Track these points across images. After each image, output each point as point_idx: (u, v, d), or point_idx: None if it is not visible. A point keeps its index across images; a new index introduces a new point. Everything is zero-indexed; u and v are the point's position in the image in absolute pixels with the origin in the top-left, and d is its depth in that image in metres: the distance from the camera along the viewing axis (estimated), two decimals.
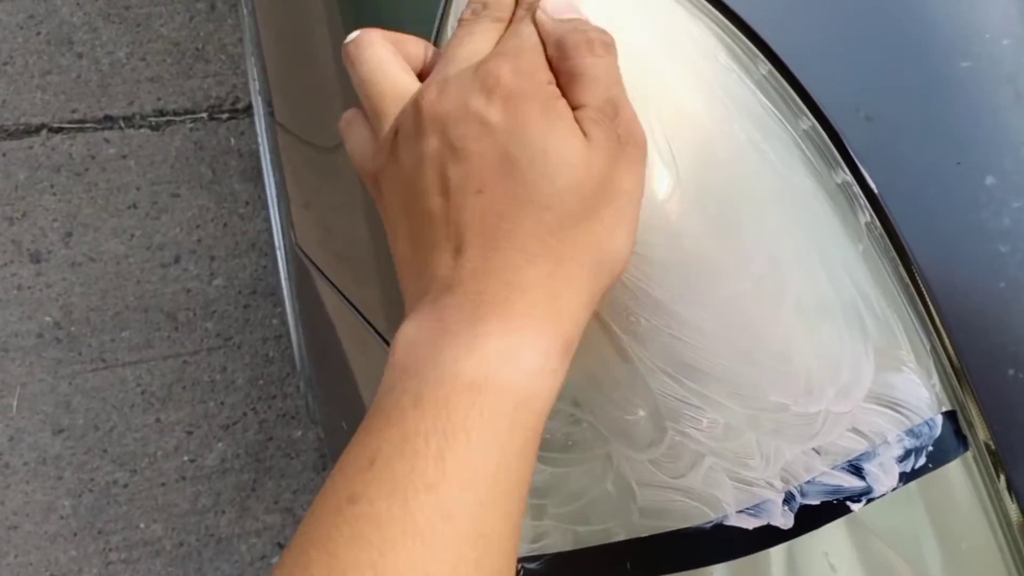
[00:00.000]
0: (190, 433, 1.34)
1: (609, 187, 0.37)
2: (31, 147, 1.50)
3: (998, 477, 0.38)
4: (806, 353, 0.38)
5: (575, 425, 0.41)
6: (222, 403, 1.36)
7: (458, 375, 0.34)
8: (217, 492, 1.31)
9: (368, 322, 0.58)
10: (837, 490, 0.38)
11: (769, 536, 0.38)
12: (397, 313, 0.56)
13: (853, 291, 0.38)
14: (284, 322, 1.48)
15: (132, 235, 1.46)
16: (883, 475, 0.38)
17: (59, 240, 1.44)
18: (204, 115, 1.56)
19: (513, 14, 0.41)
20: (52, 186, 1.48)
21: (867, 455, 0.38)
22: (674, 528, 0.39)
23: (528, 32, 0.39)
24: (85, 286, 1.41)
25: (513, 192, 0.36)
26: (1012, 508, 0.39)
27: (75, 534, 1.27)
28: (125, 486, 1.30)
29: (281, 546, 1.30)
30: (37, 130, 1.51)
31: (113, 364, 1.37)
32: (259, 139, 1.49)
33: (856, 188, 0.39)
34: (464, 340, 0.35)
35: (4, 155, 1.49)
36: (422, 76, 0.42)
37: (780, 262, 0.38)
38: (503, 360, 0.34)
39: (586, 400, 0.40)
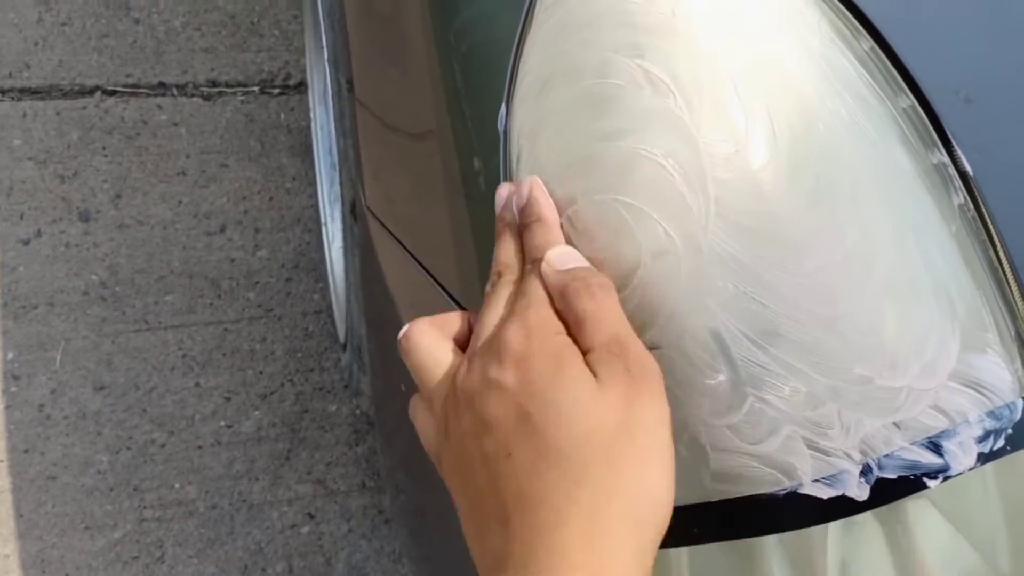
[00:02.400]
0: (228, 399, 1.36)
1: (629, 426, 0.37)
2: (84, 108, 1.52)
3: None
4: (893, 328, 0.38)
5: None
6: (261, 372, 1.38)
7: None
8: (252, 459, 1.32)
9: (439, 283, 0.59)
10: (915, 465, 0.38)
11: (843, 507, 0.39)
12: (470, 277, 0.56)
13: (943, 271, 0.39)
14: (325, 298, 1.50)
15: (180, 201, 1.48)
16: (961, 454, 0.38)
17: (108, 201, 1.47)
18: (256, 89, 1.58)
19: (522, 270, 0.44)
20: (104, 148, 1.50)
21: (947, 433, 0.38)
22: (747, 494, 0.40)
23: (534, 287, 0.41)
24: (132, 248, 1.43)
25: (536, 449, 0.37)
26: None
27: (111, 489, 1.29)
28: (162, 446, 1.32)
29: (311, 516, 1.32)
30: (91, 91, 1.53)
31: (156, 326, 1.39)
32: (310, 115, 1.50)
33: (951, 169, 0.39)
34: None
35: (58, 114, 1.51)
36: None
37: (872, 236, 0.38)
38: None
39: (665, 363, 0.41)
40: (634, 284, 0.42)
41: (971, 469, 0.38)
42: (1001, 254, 0.39)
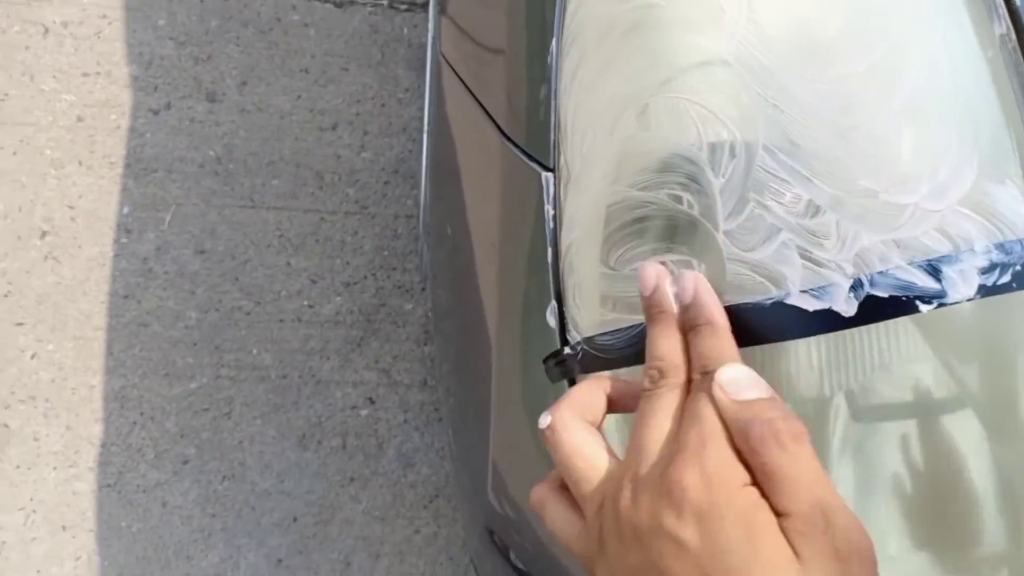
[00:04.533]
0: (314, 282, 1.42)
1: None
2: (227, 0, 1.60)
3: None
4: (908, 145, 0.38)
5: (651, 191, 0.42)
6: (347, 263, 1.43)
7: None
8: (327, 339, 1.38)
9: (494, 120, 0.61)
10: (909, 287, 0.38)
11: (828, 321, 0.39)
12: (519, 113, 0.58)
13: (972, 95, 0.38)
14: (417, 204, 1.54)
15: (299, 96, 1.54)
16: (961, 282, 0.38)
17: (234, 86, 1.54)
18: (385, 2, 1.63)
19: (688, 378, 0.40)
20: (238, 38, 1.58)
21: (949, 258, 0.38)
22: (734, 303, 0.40)
23: (707, 415, 0.37)
24: (249, 132, 1.51)
25: None
26: None
27: (195, 344, 1.37)
28: (248, 314, 1.39)
29: (372, 401, 1.37)
30: None
31: (260, 206, 1.47)
32: (429, 34, 1.55)
33: None
34: None
35: (202, 2, 1.60)
36: (611, 407, 0.42)
37: (901, 51, 0.38)
38: None
39: (669, 162, 0.42)
40: (669, 93, 0.42)
41: (969, 300, 0.38)
42: None
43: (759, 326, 0.40)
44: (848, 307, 0.38)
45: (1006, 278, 0.37)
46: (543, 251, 0.55)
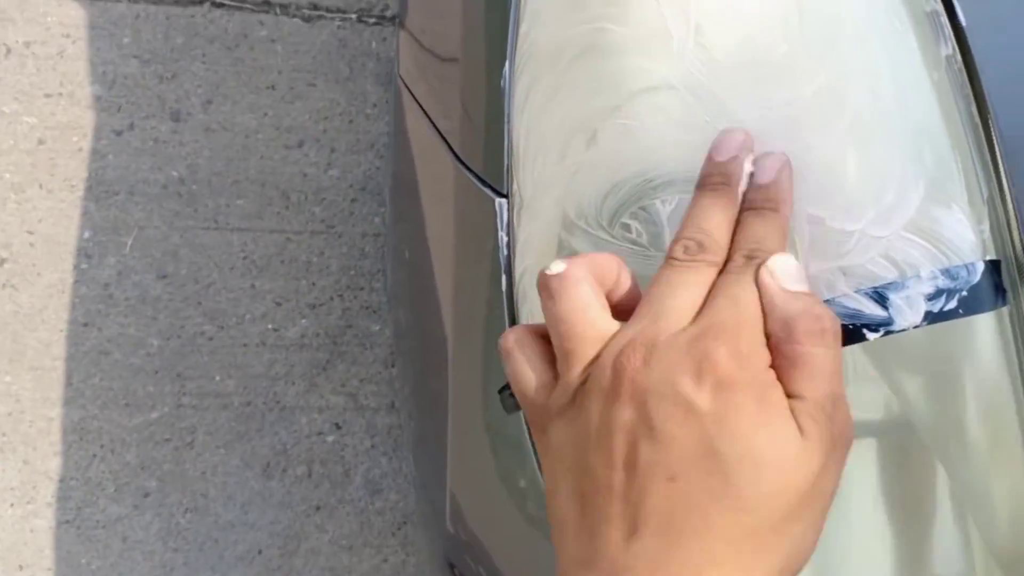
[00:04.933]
0: (279, 305, 1.40)
1: (815, 493, 0.34)
2: (193, 16, 1.58)
3: None
4: (853, 170, 0.37)
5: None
6: (313, 284, 1.41)
7: None
8: (291, 364, 1.36)
9: (448, 145, 0.60)
10: (856, 315, 0.37)
11: None
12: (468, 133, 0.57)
13: (917, 119, 0.37)
14: (384, 222, 1.53)
15: (265, 113, 1.52)
16: (908, 309, 0.36)
17: (199, 105, 1.52)
18: (353, 16, 1.62)
19: (728, 258, 0.37)
20: (204, 55, 1.56)
21: (895, 285, 0.36)
22: None
23: (749, 300, 0.36)
24: (213, 151, 1.49)
25: (710, 488, 0.33)
26: None
27: (156, 372, 1.34)
28: (211, 339, 1.37)
29: (338, 427, 1.34)
30: (201, 2, 1.59)
31: (224, 227, 1.44)
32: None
33: (943, 19, 0.37)
34: None
35: (168, 19, 1.58)
36: (611, 298, 0.39)
37: (847, 76, 0.37)
38: None
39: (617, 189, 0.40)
40: (617, 119, 0.41)
41: (916, 327, 0.36)
42: (985, 110, 0.37)
43: None
44: None
45: (952, 304, 0.36)
46: (498, 278, 0.53)
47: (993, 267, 0.37)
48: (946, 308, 0.36)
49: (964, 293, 0.36)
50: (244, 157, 1.48)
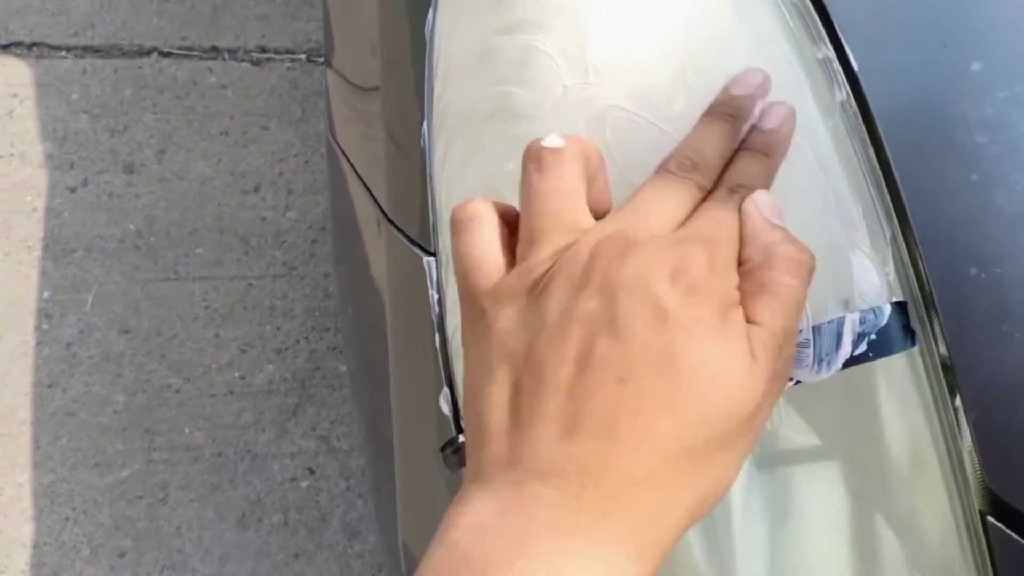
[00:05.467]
0: (244, 352, 1.38)
1: (751, 421, 0.34)
2: (141, 67, 1.58)
3: (946, 378, 0.36)
4: None
5: None
6: (278, 328, 1.40)
7: None
8: (260, 411, 1.35)
9: (377, 204, 0.59)
10: None
11: None
12: (396, 192, 0.57)
13: (817, 165, 0.37)
14: None
15: (220, 160, 1.51)
16: None
17: (153, 156, 1.51)
18: (303, 56, 1.62)
19: (713, 187, 0.37)
20: (154, 105, 1.55)
21: (804, 343, 0.36)
22: None
23: (731, 221, 0.36)
24: (169, 201, 1.48)
25: (660, 395, 0.32)
26: (958, 421, 0.37)
27: (124, 429, 1.33)
28: (177, 391, 1.35)
29: (311, 471, 1.33)
30: (148, 52, 1.59)
31: (184, 277, 1.43)
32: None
33: (836, 65, 0.37)
34: (547, 550, 0.31)
35: (116, 72, 1.57)
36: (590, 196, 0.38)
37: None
38: None
39: None
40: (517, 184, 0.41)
41: (829, 374, 0.36)
42: (882, 153, 0.37)
43: None
44: None
45: (862, 348, 0.36)
46: (432, 334, 0.53)
47: (900, 309, 0.37)
48: (856, 353, 0.36)
49: (873, 336, 0.36)
50: (201, 205, 1.47)
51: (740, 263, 0.35)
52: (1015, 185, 0.35)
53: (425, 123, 0.50)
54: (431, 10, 0.50)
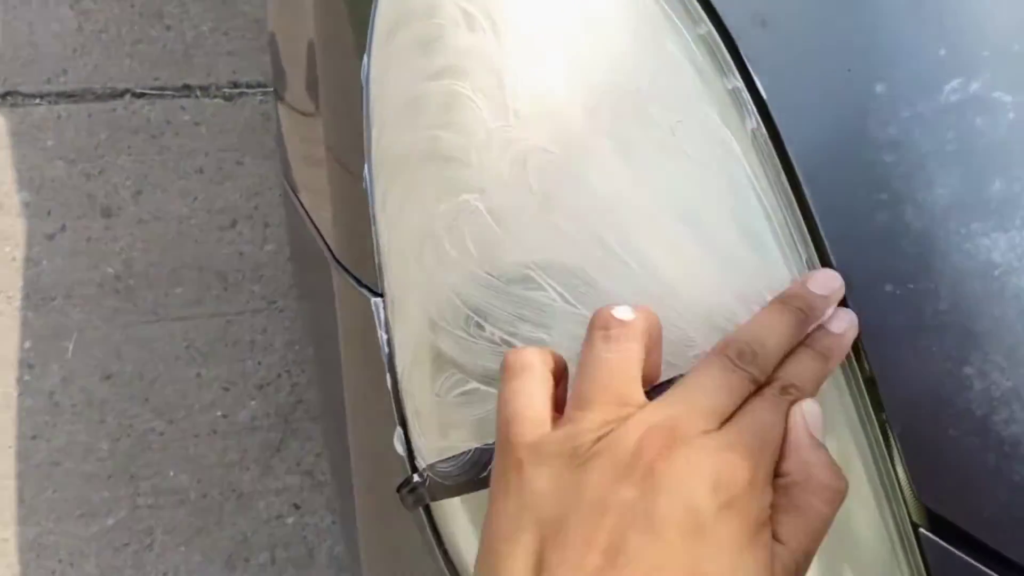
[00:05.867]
0: (227, 390, 1.39)
1: None
2: (115, 109, 1.58)
3: (868, 396, 0.37)
4: (683, 260, 0.37)
5: None
6: (259, 363, 1.40)
7: None
8: (244, 448, 1.35)
9: (328, 246, 0.60)
10: None
11: None
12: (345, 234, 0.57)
13: (732, 195, 0.37)
14: None
15: (196, 198, 1.52)
16: None
17: (129, 197, 1.52)
18: (274, 88, 1.63)
19: (766, 381, 0.37)
20: (129, 147, 1.56)
21: None
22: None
23: (777, 429, 0.35)
24: (147, 242, 1.48)
25: None
26: (886, 435, 0.37)
27: (109, 476, 1.32)
28: (161, 434, 1.35)
29: (297, 507, 1.33)
30: (122, 94, 1.60)
31: (164, 318, 1.43)
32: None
33: (745, 94, 0.38)
34: None
35: (90, 116, 1.58)
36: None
37: (661, 167, 0.37)
38: None
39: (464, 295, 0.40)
40: (456, 223, 0.41)
41: None
42: (795, 178, 0.37)
43: None
44: None
45: None
46: (384, 376, 0.53)
47: None
48: None
49: None
50: (179, 244, 1.48)
51: (778, 474, 0.35)
52: (923, 202, 0.35)
53: (366, 167, 0.50)
54: (366, 55, 0.50)
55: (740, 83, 0.38)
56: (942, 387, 0.34)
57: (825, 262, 0.37)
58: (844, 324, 0.37)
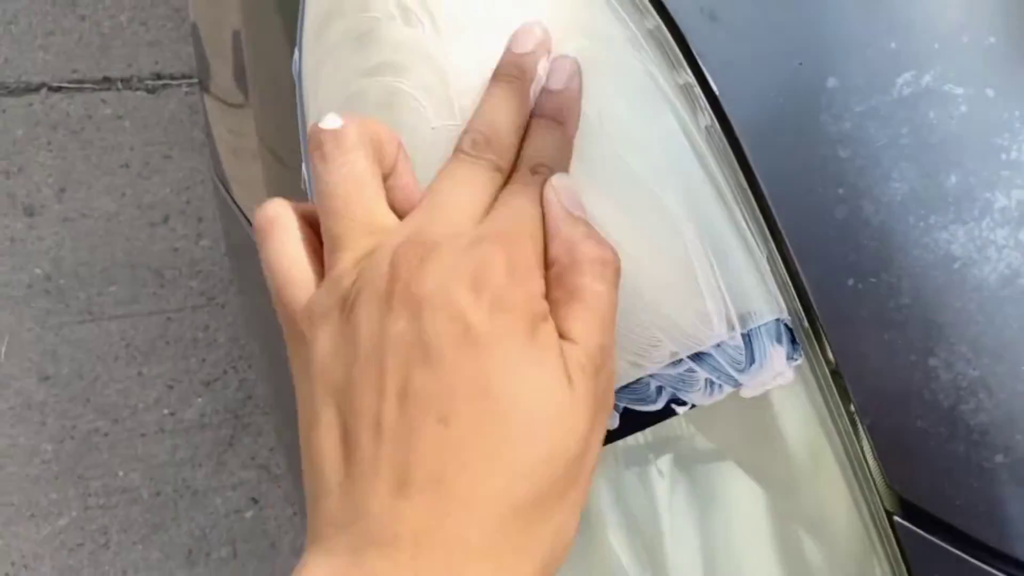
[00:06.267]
0: (171, 388, 1.36)
1: (582, 463, 0.31)
2: (31, 104, 1.52)
3: (835, 388, 0.37)
4: (646, 259, 0.37)
5: None
6: (203, 360, 1.38)
7: None
8: (195, 446, 1.32)
9: None
10: (676, 385, 0.37)
11: None
12: None
13: (689, 194, 0.37)
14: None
15: (123, 193, 1.47)
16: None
17: (53, 195, 1.47)
18: (199, 79, 1.58)
19: (514, 167, 0.35)
20: (49, 143, 1.50)
21: (706, 356, 0.37)
22: None
23: (532, 213, 0.33)
24: (75, 241, 1.44)
25: (482, 436, 0.29)
26: (855, 426, 0.38)
27: (56, 478, 1.29)
28: (106, 435, 1.32)
29: (255, 501, 1.32)
30: (37, 88, 1.53)
31: (99, 317, 1.39)
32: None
33: (697, 90, 0.38)
34: None
35: (4, 112, 1.51)
36: (387, 188, 0.35)
37: (615, 169, 0.37)
38: None
39: None
40: None
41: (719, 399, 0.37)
42: (751, 174, 0.37)
43: None
44: (611, 421, 0.37)
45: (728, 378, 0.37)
46: None
47: (784, 327, 0.37)
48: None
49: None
50: (109, 242, 1.43)
51: (548, 265, 0.33)
52: (880, 196, 0.36)
53: (304, 165, 0.49)
54: (296, 48, 0.49)
55: (692, 78, 0.38)
56: (909, 379, 0.35)
57: (786, 258, 0.37)
58: (564, 77, 0.36)
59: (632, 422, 0.37)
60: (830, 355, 0.37)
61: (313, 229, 0.35)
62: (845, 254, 0.36)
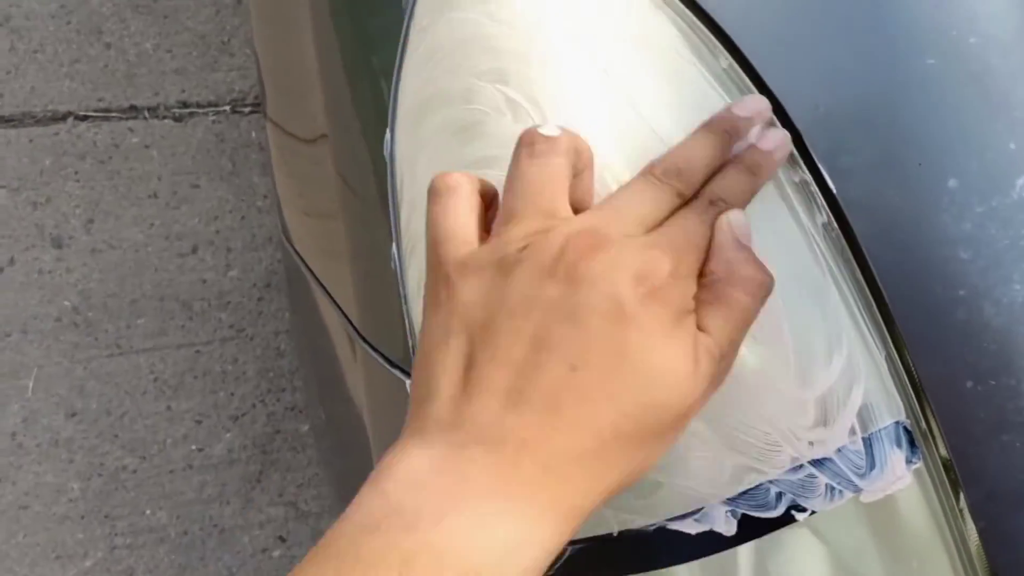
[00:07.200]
0: (199, 422, 1.35)
1: (685, 417, 0.35)
2: (57, 134, 1.52)
3: (954, 494, 0.37)
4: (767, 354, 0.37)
5: None
6: (232, 394, 1.37)
7: (461, 555, 0.31)
8: (223, 482, 1.32)
9: (349, 321, 0.58)
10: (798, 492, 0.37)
11: (714, 541, 0.37)
12: (369, 312, 0.55)
13: (809, 292, 0.37)
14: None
15: (152, 224, 1.47)
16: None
17: (81, 226, 1.46)
18: (227, 108, 1.58)
19: (693, 197, 0.38)
20: (76, 173, 1.50)
21: (828, 461, 0.36)
22: (613, 531, 0.39)
23: (702, 234, 0.37)
24: (104, 272, 1.43)
25: (607, 384, 0.33)
26: (969, 527, 0.37)
27: (82, 517, 1.28)
28: (134, 472, 1.31)
29: (283, 539, 1.31)
30: (64, 117, 1.53)
31: (128, 351, 1.39)
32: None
33: (814, 187, 0.37)
34: (476, 510, 0.32)
35: (31, 141, 1.51)
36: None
37: None
38: (509, 554, 0.32)
39: None
40: None
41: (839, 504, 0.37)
42: (869, 274, 0.37)
43: (645, 553, 0.38)
44: (728, 527, 0.37)
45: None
46: None
47: (903, 429, 0.37)
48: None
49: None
50: (137, 273, 1.43)
51: (703, 274, 0.36)
52: (1001, 298, 0.35)
53: (395, 247, 0.49)
54: (388, 130, 0.49)
55: (808, 176, 0.37)
56: None
57: (904, 359, 0.37)
58: (774, 142, 0.38)
59: (750, 528, 0.37)
60: (948, 457, 0.37)
61: (485, 204, 0.39)
62: (965, 356, 0.36)
